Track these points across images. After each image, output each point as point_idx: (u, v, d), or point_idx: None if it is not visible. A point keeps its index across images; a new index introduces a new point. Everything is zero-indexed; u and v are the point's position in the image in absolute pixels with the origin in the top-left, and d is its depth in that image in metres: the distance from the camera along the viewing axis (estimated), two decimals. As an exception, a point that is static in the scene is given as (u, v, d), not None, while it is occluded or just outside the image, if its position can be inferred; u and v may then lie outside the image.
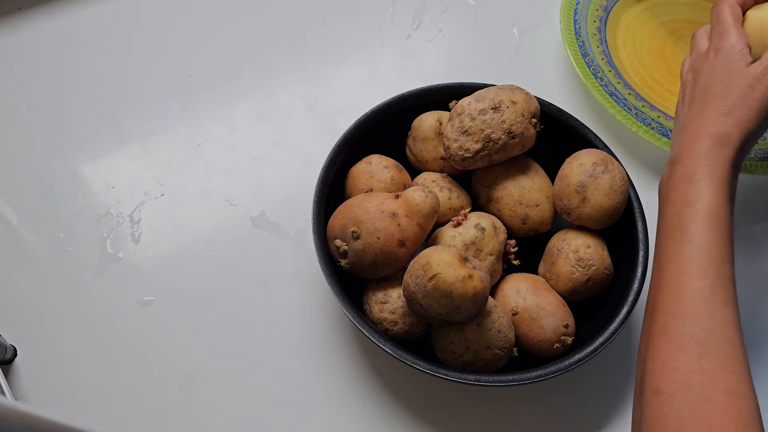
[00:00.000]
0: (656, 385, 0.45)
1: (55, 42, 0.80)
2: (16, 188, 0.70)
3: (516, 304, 0.59)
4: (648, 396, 0.46)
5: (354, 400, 0.61)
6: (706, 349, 0.45)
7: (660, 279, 0.50)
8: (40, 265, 0.66)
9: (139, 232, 0.69)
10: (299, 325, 0.64)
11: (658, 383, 0.45)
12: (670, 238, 0.50)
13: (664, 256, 0.50)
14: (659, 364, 0.46)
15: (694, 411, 0.43)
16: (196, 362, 0.62)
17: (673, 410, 0.44)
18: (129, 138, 0.74)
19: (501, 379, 0.54)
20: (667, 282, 0.49)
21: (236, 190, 0.71)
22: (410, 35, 0.83)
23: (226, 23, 0.83)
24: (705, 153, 0.52)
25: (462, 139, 0.61)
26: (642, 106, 0.74)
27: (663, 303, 0.48)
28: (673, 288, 0.48)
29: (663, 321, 0.48)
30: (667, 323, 0.47)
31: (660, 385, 0.45)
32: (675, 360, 0.45)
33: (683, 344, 0.45)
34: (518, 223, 0.63)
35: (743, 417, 0.42)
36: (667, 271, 0.49)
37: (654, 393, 0.45)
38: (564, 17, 0.79)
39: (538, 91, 0.67)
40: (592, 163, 0.60)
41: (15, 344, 0.62)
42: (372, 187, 0.63)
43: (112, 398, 0.61)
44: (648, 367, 0.47)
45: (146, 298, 0.65)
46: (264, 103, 0.77)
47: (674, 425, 0.43)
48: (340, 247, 0.58)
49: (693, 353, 0.45)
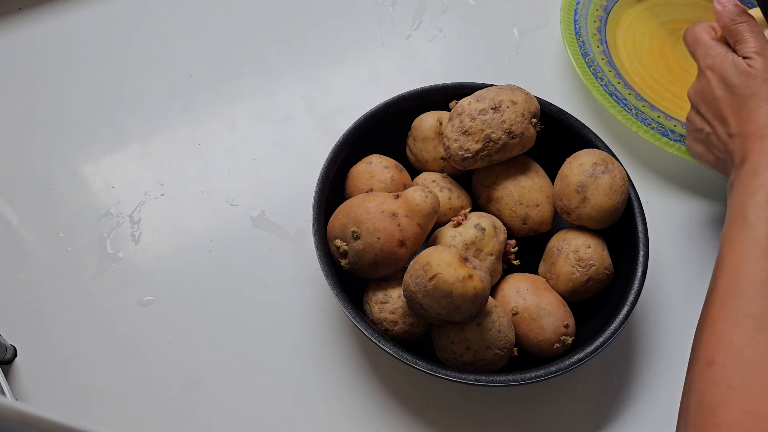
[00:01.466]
0: (710, 357, 0.47)
1: (56, 42, 0.80)
2: (16, 188, 0.70)
3: (516, 304, 0.59)
4: (700, 367, 0.47)
5: (354, 400, 0.61)
6: (761, 326, 0.46)
7: (721, 263, 0.52)
8: (40, 265, 0.66)
9: (139, 232, 0.69)
10: (299, 325, 0.64)
11: (711, 354, 0.47)
12: (733, 226, 0.52)
13: (727, 244, 0.52)
14: (714, 338, 0.48)
15: (745, 380, 0.44)
16: (196, 362, 0.62)
17: (724, 379, 0.45)
18: (129, 138, 0.74)
19: (501, 379, 0.54)
20: (727, 265, 0.51)
21: (236, 190, 0.71)
22: (410, 35, 0.83)
23: (226, 23, 0.83)
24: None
25: (462, 139, 0.61)
26: (642, 106, 0.74)
27: (721, 284, 0.50)
28: (733, 271, 0.50)
29: (720, 300, 0.49)
30: (723, 302, 0.49)
31: (714, 356, 0.47)
32: (730, 334, 0.47)
33: (739, 321, 0.47)
34: (518, 223, 0.63)
35: None
36: (728, 256, 0.51)
37: (707, 364, 0.47)
38: (564, 17, 0.79)
39: (538, 91, 0.67)
40: (592, 163, 0.60)
41: (15, 344, 0.62)
42: (372, 187, 0.63)
43: (112, 398, 0.61)
44: (703, 342, 0.49)
45: (146, 298, 0.65)
46: (264, 103, 0.77)
47: (725, 393, 0.45)
48: (340, 247, 0.58)
49: (748, 329, 0.46)
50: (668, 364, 0.64)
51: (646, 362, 0.64)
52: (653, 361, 0.64)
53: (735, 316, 0.48)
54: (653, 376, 0.63)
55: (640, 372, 0.64)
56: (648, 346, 0.65)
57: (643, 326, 0.66)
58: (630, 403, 0.62)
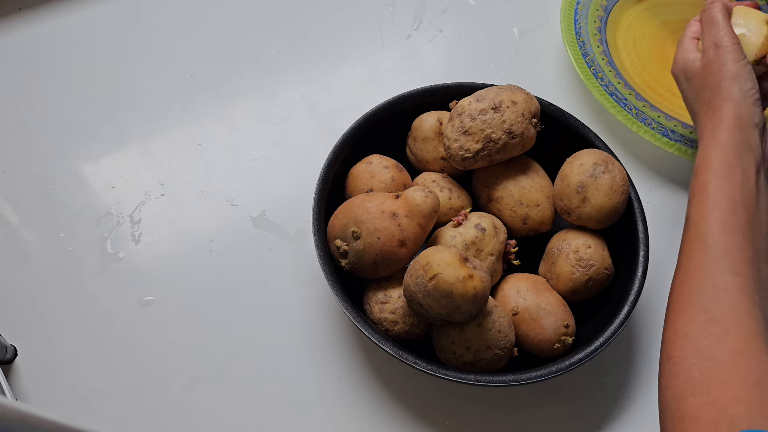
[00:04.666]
0: (668, 352, 0.48)
1: (56, 42, 0.80)
2: (16, 188, 0.70)
3: (516, 304, 0.59)
4: (662, 362, 0.49)
5: (354, 400, 0.61)
6: (711, 315, 0.47)
7: (677, 261, 0.53)
8: (41, 265, 0.66)
9: (139, 232, 0.69)
10: (299, 325, 0.64)
11: (669, 350, 0.48)
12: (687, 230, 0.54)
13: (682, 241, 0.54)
14: (671, 333, 0.49)
15: (702, 372, 0.45)
16: (196, 362, 0.62)
17: (683, 372, 0.46)
18: (129, 138, 0.74)
19: (501, 379, 0.54)
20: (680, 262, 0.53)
21: (236, 190, 0.71)
22: (410, 35, 0.83)
23: (226, 23, 0.83)
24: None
25: (462, 139, 0.61)
26: (642, 106, 0.74)
27: (676, 280, 0.52)
28: (684, 267, 0.52)
29: (675, 296, 0.51)
30: (677, 298, 0.51)
31: (671, 351, 0.48)
32: (685, 328, 0.48)
33: (692, 314, 0.48)
34: (518, 223, 0.63)
35: (751, 375, 0.44)
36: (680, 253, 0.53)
37: (666, 359, 0.48)
38: (564, 17, 0.79)
39: (538, 91, 0.67)
40: (592, 163, 0.60)
41: (15, 344, 0.62)
42: (372, 187, 0.63)
43: (112, 398, 0.61)
44: (663, 338, 0.50)
45: (146, 298, 0.65)
46: (264, 103, 0.77)
47: (685, 385, 0.45)
48: (341, 247, 0.58)
49: (701, 321, 0.47)
50: (668, 364, 0.64)
51: (646, 362, 0.64)
52: (653, 361, 0.64)
53: (689, 311, 0.48)
54: (653, 376, 0.63)
55: (640, 372, 0.64)
56: (648, 346, 0.65)
57: (643, 326, 0.66)
58: (630, 403, 0.62)
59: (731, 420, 0.42)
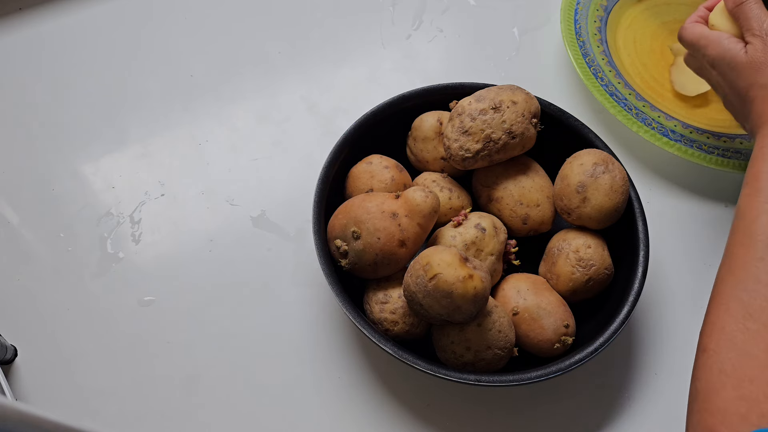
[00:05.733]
0: (703, 344, 0.48)
1: (56, 43, 0.80)
2: (16, 188, 0.70)
3: (516, 304, 0.59)
4: (697, 353, 0.48)
5: (354, 400, 0.61)
6: (750, 310, 0.46)
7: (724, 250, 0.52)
8: (41, 265, 0.66)
9: (139, 232, 0.69)
10: (299, 325, 0.64)
11: (705, 342, 0.48)
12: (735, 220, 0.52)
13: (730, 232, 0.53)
14: (708, 325, 0.48)
15: (736, 366, 0.45)
16: (196, 362, 0.62)
17: (716, 365, 0.46)
18: (129, 138, 0.74)
19: (501, 379, 0.54)
20: (726, 252, 0.51)
21: (236, 190, 0.71)
22: (410, 35, 0.83)
23: (226, 24, 0.83)
24: None
25: (462, 139, 0.61)
26: (642, 106, 0.74)
27: (720, 272, 0.51)
28: (727, 259, 0.51)
29: (716, 288, 0.50)
30: (718, 289, 0.50)
31: (706, 344, 0.47)
32: (721, 321, 0.47)
33: (730, 307, 0.47)
34: (519, 223, 0.63)
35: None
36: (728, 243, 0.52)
37: (701, 351, 0.47)
38: (564, 17, 0.79)
39: (538, 91, 0.67)
40: (592, 163, 0.60)
41: (15, 344, 0.62)
42: (372, 187, 0.63)
43: (112, 398, 0.61)
44: (702, 330, 0.49)
45: (146, 298, 0.65)
46: (264, 103, 0.77)
47: (717, 378, 0.45)
48: (341, 247, 0.58)
49: (738, 315, 0.47)
50: (668, 364, 0.64)
51: (646, 362, 0.64)
52: (653, 361, 0.64)
53: (727, 303, 0.48)
54: (653, 376, 0.63)
55: (640, 372, 0.64)
56: (648, 346, 0.65)
57: (643, 326, 0.66)
58: (630, 403, 0.62)
59: (761, 414, 0.42)
